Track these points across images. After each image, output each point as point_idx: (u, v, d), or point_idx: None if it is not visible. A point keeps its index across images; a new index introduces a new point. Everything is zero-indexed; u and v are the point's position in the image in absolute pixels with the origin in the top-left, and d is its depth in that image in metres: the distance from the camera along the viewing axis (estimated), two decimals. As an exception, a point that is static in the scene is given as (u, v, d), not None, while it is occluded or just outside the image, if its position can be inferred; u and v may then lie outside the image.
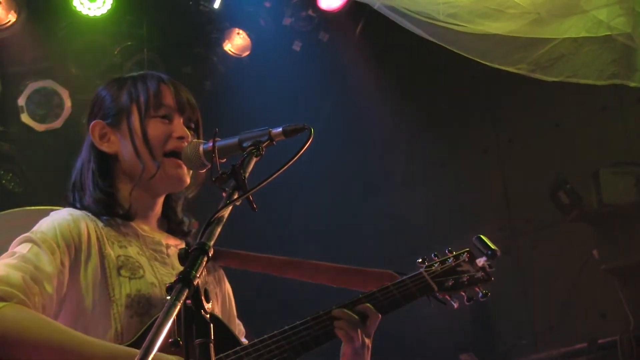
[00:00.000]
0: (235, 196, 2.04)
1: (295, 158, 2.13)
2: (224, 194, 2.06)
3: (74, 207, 2.56)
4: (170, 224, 2.72)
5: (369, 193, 7.68)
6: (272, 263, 2.82)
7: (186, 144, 2.54)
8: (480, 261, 2.77)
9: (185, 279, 1.76)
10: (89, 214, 2.51)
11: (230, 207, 2.00)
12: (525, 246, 6.67)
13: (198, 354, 1.78)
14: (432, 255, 2.79)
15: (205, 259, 1.84)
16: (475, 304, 2.74)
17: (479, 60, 4.94)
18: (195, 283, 1.77)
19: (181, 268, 2.52)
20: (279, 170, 2.09)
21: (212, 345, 1.80)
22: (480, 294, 2.74)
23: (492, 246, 2.76)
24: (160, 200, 2.67)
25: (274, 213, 7.71)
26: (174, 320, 1.68)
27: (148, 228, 2.61)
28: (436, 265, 2.74)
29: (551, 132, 6.85)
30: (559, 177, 6.27)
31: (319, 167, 7.73)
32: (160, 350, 1.62)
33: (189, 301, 1.79)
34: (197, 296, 1.80)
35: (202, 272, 1.81)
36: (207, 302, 1.82)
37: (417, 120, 7.55)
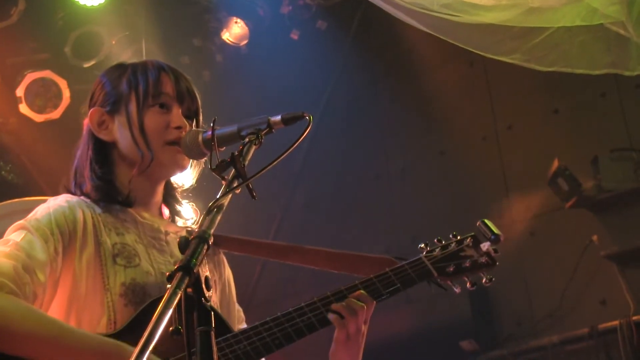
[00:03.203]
0: (235, 184, 2.04)
1: (295, 145, 2.14)
2: (223, 182, 2.07)
3: (72, 193, 2.56)
4: (171, 210, 2.72)
5: (368, 181, 7.68)
6: (274, 249, 2.84)
7: (184, 133, 2.54)
8: (485, 246, 2.73)
9: (185, 267, 1.76)
10: (87, 201, 2.52)
11: (230, 195, 2.00)
12: (524, 233, 6.67)
13: (199, 342, 1.78)
14: (435, 240, 2.77)
15: (206, 247, 1.84)
16: (476, 291, 2.73)
17: (473, 50, 4.95)
18: (195, 271, 1.77)
19: (179, 255, 2.54)
20: (278, 158, 2.09)
21: (213, 333, 1.80)
22: (484, 279, 2.71)
23: (496, 231, 2.72)
24: (161, 186, 2.67)
25: (274, 200, 7.73)
26: (174, 308, 1.68)
27: (148, 215, 2.60)
28: (437, 250, 2.72)
29: (550, 118, 6.84)
30: (558, 164, 6.26)
31: (318, 155, 7.74)
32: (161, 338, 1.62)
33: (189, 289, 1.78)
34: (197, 284, 1.79)
35: (202, 260, 1.81)
36: (208, 290, 1.82)
37: (415, 108, 7.54)
